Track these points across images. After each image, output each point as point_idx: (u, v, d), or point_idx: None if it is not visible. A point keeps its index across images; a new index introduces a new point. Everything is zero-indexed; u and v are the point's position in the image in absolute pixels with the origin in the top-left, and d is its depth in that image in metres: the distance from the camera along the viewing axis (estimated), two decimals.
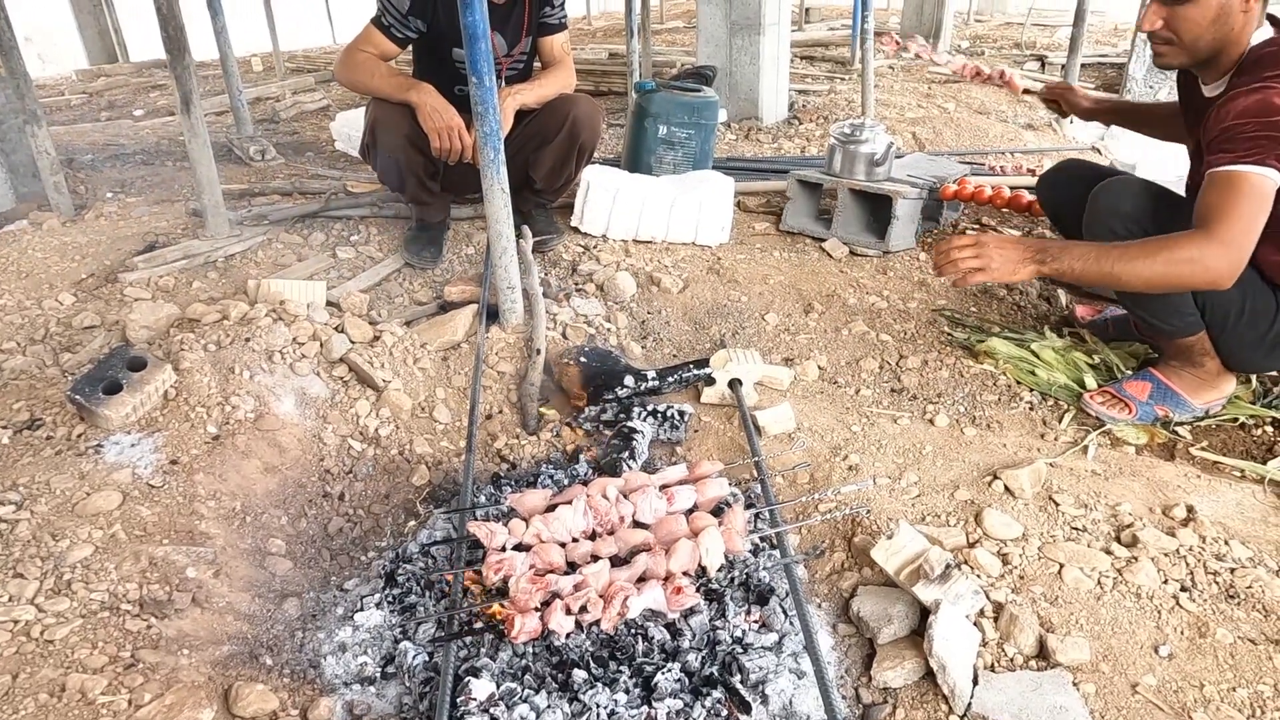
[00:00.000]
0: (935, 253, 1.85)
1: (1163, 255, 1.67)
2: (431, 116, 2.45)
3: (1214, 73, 1.82)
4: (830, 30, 8.03)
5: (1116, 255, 1.71)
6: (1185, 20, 1.73)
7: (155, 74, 6.99)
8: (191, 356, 1.91)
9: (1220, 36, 1.73)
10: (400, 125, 2.53)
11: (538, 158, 2.77)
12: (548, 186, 2.87)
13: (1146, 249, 1.70)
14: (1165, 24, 1.75)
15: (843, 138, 2.97)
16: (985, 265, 1.75)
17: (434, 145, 2.49)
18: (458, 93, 2.62)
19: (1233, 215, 1.64)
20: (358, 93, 2.64)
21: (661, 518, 1.63)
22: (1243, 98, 1.65)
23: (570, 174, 2.86)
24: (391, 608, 1.53)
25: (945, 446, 1.94)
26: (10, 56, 2.94)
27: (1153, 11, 1.76)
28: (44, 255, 2.75)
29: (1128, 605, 1.45)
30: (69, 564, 1.43)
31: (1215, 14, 1.70)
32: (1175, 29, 1.75)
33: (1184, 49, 1.78)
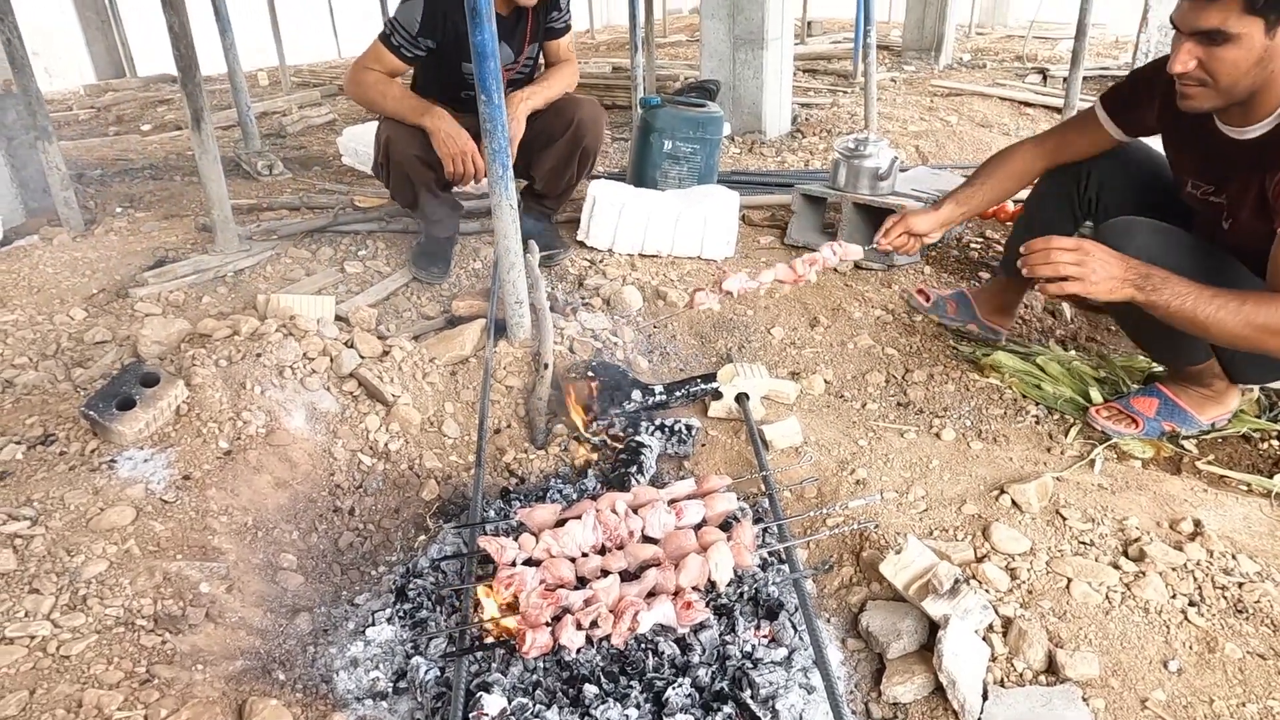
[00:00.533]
0: (1028, 249, 1.63)
1: (1262, 321, 1.53)
2: (446, 143, 2.48)
3: (1246, 116, 1.66)
4: (832, 44, 8.09)
5: (1216, 306, 1.54)
6: (1223, 62, 1.55)
7: (162, 89, 7.04)
8: (203, 372, 1.92)
9: (1260, 79, 1.57)
10: (412, 144, 2.56)
11: (539, 159, 2.81)
12: (548, 190, 2.90)
13: (1247, 311, 1.53)
14: (1200, 65, 1.57)
15: (847, 153, 3.00)
16: (1085, 276, 1.57)
17: (447, 170, 2.53)
18: (464, 97, 2.66)
19: None
20: (367, 110, 2.66)
21: (670, 532, 1.64)
22: None
23: (571, 178, 2.88)
24: (402, 623, 1.54)
25: (952, 460, 1.95)
26: (22, 73, 2.98)
27: (1185, 51, 1.57)
28: (55, 270, 2.77)
29: (1136, 620, 1.46)
30: (84, 579, 1.44)
31: (1259, 56, 1.53)
32: (1211, 71, 1.57)
33: (1219, 92, 1.60)
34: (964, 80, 6.28)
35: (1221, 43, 1.53)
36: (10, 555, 1.47)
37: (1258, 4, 1.49)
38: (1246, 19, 1.50)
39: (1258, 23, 1.51)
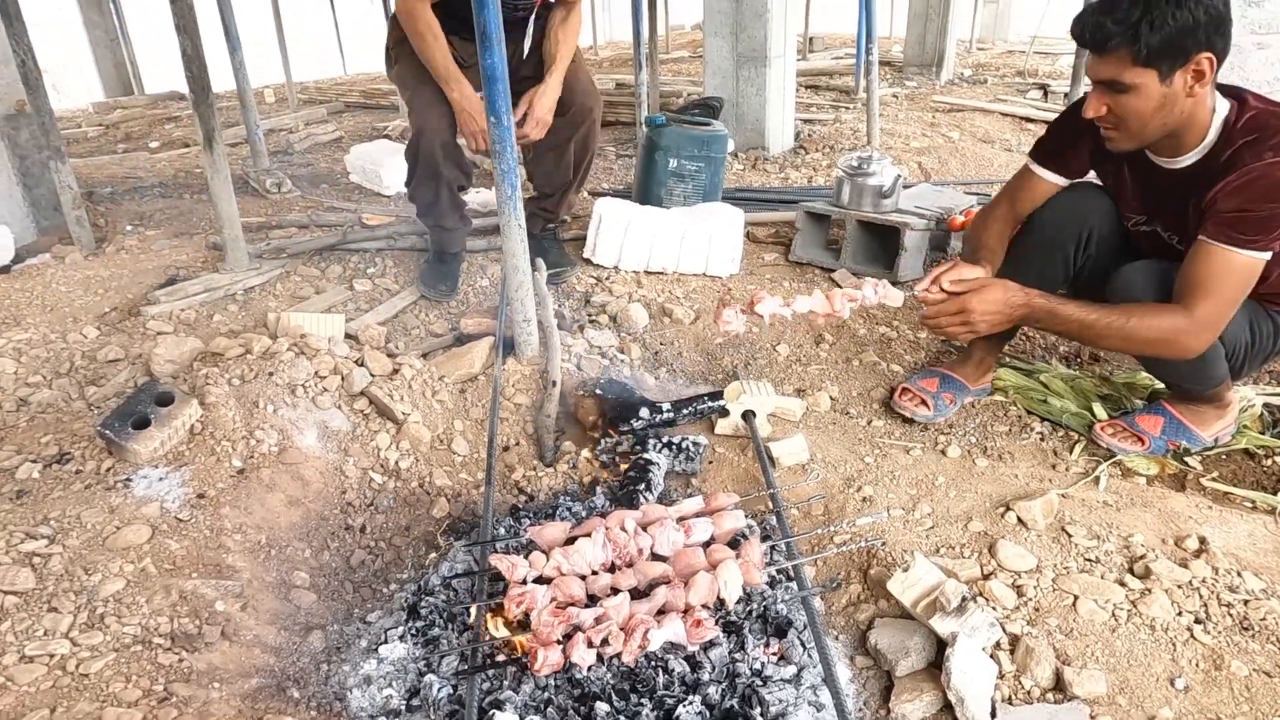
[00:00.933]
0: (922, 318, 1.88)
1: (1142, 335, 1.75)
2: (467, 122, 2.55)
3: (1176, 149, 1.78)
4: (834, 59, 8.14)
5: (1100, 329, 1.77)
6: (1127, 109, 1.68)
7: (170, 106, 7.11)
8: (217, 391, 1.95)
9: (1168, 123, 1.70)
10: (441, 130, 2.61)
11: (540, 158, 2.88)
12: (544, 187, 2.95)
13: (1129, 326, 1.74)
14: (1110, 111, 1.70)
15: (850, 170, 3.03)
16: (973, 326, 1.80)
17: (468, 145, 2.63)
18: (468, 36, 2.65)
19: (1224, 299, 1.71)
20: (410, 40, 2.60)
21: (679, 550, 1.65)
22: (1257, 179, 1.63)
23: (568, 181, 2.93)
24: (415, 640, 1.55)
25: (958, 477, 1.97)
26: (36, 95, 3.02)
27: (1095, 98, 1.71)
28: (67, 289, 2.80)
29: (1143, 637, 1.47)
30: (101, 598, 1.46)
31: (1159, 103, 1.65)
32: (1119, 116, 1.70)
33: (1130, 135, 1.74)
34: (965, 96, 6.32)
35: (1122, 92, 1.66)
36: (29, 574, 1.49)
37: (1142, 57, 1.60)
38: (1140, 70, 1.63)
39: (1151, 73, 1.63)
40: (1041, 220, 2.03)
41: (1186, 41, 1.58)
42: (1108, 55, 1.63)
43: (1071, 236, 1.99)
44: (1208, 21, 1.57)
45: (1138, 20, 1.57)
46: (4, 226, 3.12)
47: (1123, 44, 1.60)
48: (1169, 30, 1.57)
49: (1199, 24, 1.57)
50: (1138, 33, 1.58)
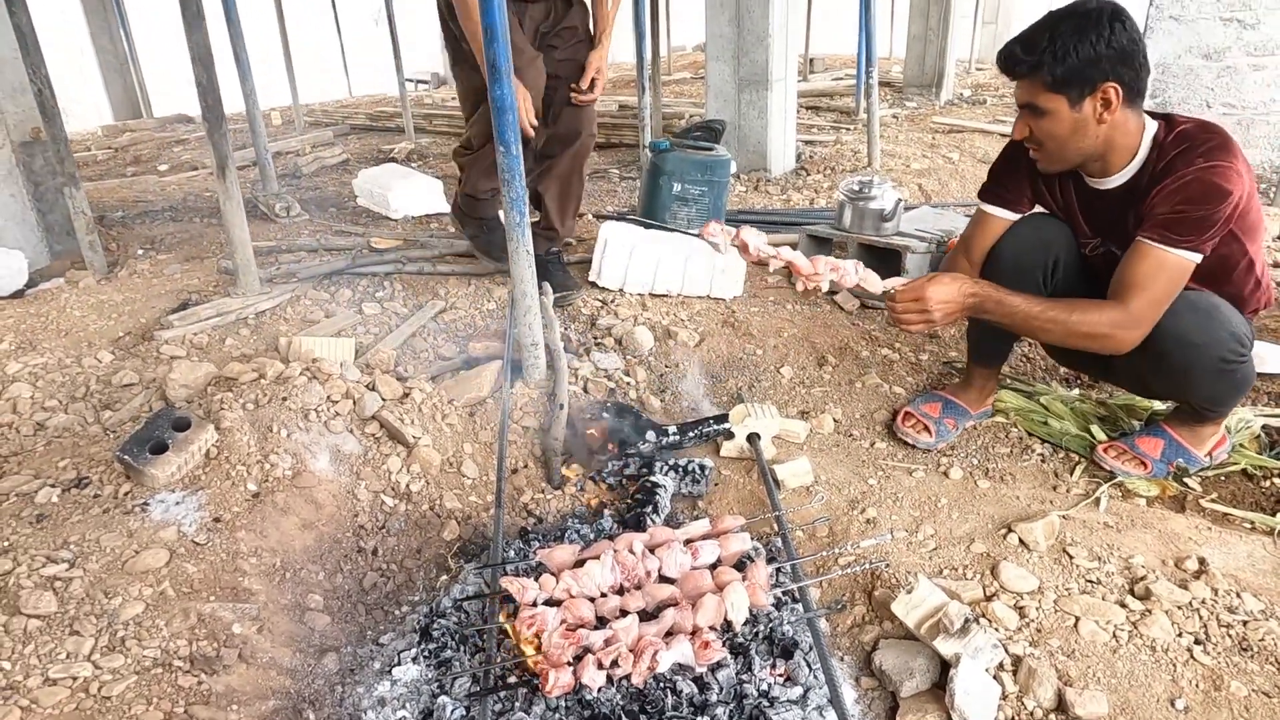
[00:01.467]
0: (889, 313, 1.94)
1: (1082, 330, 1.83)
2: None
3: (1105, 170, 1.89)
4: (835, 80, 8.23)
5: (1044, 321, 1.86)
6: (1044, 131, 1.82)
7: (178, 129, 7.20)
8: (232, 416, 1.99)
9: (1084, 146, 1.82)
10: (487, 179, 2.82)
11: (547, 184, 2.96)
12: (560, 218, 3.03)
13: (1070, 320, 1.83)
14: (1032, 132, 1.84)
15: (851, 194, 3.07)
16: (931, 319, 1.86)
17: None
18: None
19: (1156, 296, 1.80)
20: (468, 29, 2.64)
21: (686, 572, 1.68)
22: (1188, 183, 1.73)
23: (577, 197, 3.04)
24: (427, 662, 1.58)
25: (960, 499, 2.00)
26: (52, 123, 3.08)
27: (1020, 121, 1.86)
28: (81, 313, 2.85)
29: (1143, 658, 1.49)
30: (122, 621, 1.49)
31: (1070, 127, 1.78)
32: (1040, 138, 1.84)
33: (1051, 156, 1.87)
34: (965, 116, 6.40)
35: (1040, 115, 1.81)
36: (51, 598, 1.52)
37: (1049, 84, 1.75)
38: (1051, 96, 1.77)
39: (1061, 99, 1.76)
40: (1004, 250, 2.09)
41: (1090, 71, 1.72)
42: (1022, 81, 1.79)
43: (1039, 263, 2.05)
44: (1110, 55, 1.71)
45: (1043, 50, 1.72)
46: (18, 252, 3.17)
47: (1030, 71, 1.76)
48: (1071, 61, 1.71)
49: (1101, 56, 1.70)
50: (1042, 61, 1.73)
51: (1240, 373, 1.91)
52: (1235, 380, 1.92)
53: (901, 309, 1.89)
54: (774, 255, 1.92)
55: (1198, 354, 1.86)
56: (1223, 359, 1.86)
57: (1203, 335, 1.85)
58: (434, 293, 3.05)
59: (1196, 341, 1.85)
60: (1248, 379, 1.94)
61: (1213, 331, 1.85)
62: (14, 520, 1.78)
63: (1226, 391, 1.96)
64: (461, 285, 3.11)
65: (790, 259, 1.93)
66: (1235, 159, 1.74)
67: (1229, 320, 1.86)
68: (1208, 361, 1.87)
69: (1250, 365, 1.92)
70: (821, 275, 1.93)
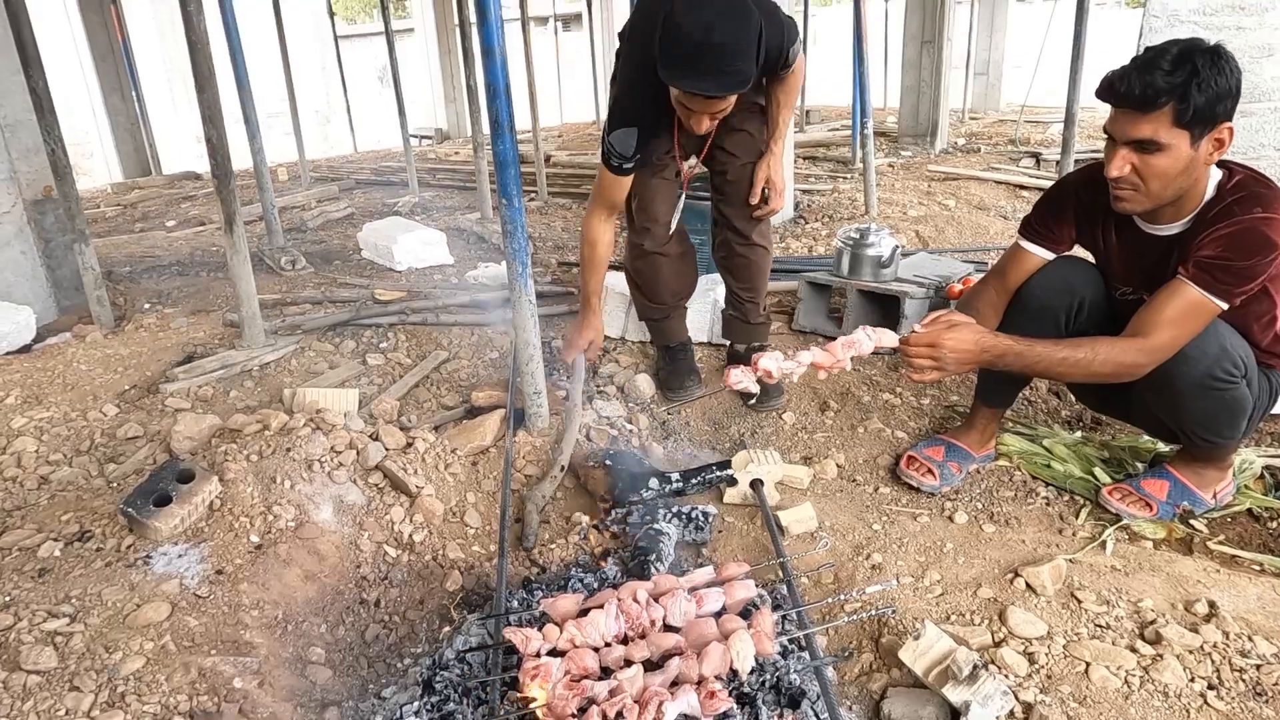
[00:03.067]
0: (905, 354, 1.86)
1: (1103, 371, 1.80)
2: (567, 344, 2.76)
3: (1175, 215, 1.84)
4: (831, 131, 8.39)
5: (1069, 365, 1.81)
6: (1155, 169, 1.71)
7: (186, 185, 7.33)
8: (235, 467, 1.99)
9: (1185, 186, 1.76)
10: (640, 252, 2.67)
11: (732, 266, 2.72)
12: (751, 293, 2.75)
13: (1095, 362, 1.79)
14: (1134, 170, 1.73)
15: (850, 242, 3.12)
16: (942, 367, 1.81)
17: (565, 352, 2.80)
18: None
19: (1181, 334, 1.78)
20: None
21: (691, 621, 1.67)
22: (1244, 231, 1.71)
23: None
24: (430, 715, 1.56)
25: (965, 544, 1.98)
26: (64, 181, 3.15)
27: (1121, 157, 1.73)
28: (88, 367, 2.87)
29: (1156, 704, 1.47)
30: (122, 676, 1.48)
31: (1185, 165, 1.70)
32: (1144, 176, 1.73)
33: (1149, 196, 1.77)
34: (960, 165, 6.49)
35: (1154, 151, 1.69)
36: (51, 653, 1.51)
37: (1185, 118, 1.64)
38: (1176, 131, 1.67)
39: (1185, 135, 1.67)
40: (1031, 290, 2.08)
41: (1220, 108, 1.65)
42: (1152, 113, 1.66)
43: (1063, 306, 2.04)
44: (1236, 90, 1.66)
45: (1186, 80, 1.61)
46: (26, 307, 3.21)
47: (1170, 101, 1.63)
48: (1211, 93, 1.62)
49: (1231, 92, 1.65)
50: (1187, 92, 1.62)
51: (1230, 395, 1.87)
52: (1224, 402, 1.88)
53: (915, 353, 1.82)
54: (796, 366, 1.96)
55: (1188, 368, 1.84)
56: (1211, 375, 1.83)
57: (1193, 348, 1.82)
58: (437, 343, 3.07)
59: (1188, 353, 1.82)
60: (1239, 405, 1.89)
61: (1204, 345, 1.82)
62: (16, 575, 1.77)
63: (1215, 414, 1.91)
64: (465, 335, 3.14)
65: (811, 361, 1.96)
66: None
67: (1224, 338, 1.84)
68: (1198, 376, 1.84)
69: (1243, 392, 1.88)
70: (843, 360, 1.96)
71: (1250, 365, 1.89)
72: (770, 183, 2.52)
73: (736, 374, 1.94)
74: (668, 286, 2.74)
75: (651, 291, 2.74)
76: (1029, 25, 13.06)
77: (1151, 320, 1.80)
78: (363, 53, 15.85)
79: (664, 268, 2.70)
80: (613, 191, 2.51)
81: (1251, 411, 1.96)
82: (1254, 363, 1.90)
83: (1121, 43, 6.38)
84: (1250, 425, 2.00)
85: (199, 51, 2.67)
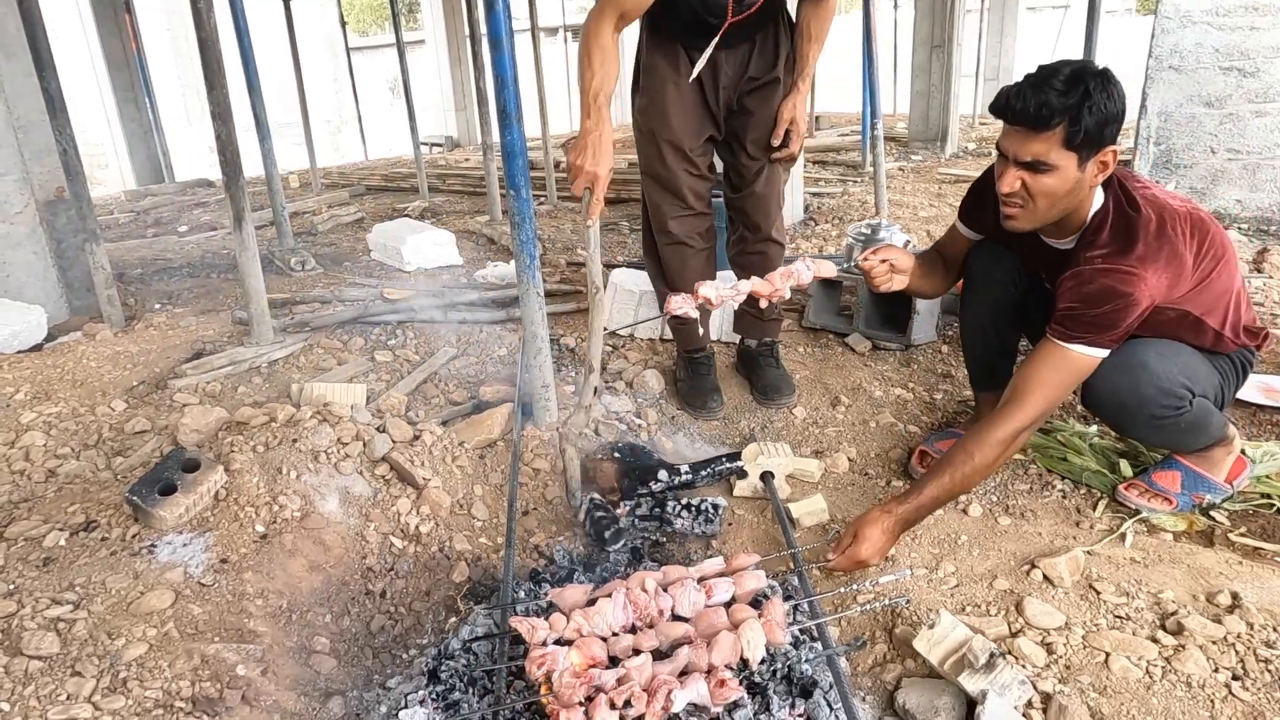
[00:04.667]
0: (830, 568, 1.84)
1: (992, 460, 1.78)
2: (576, 158, 2.01)
3: (1061, 232, 1.87)
4: (840, 136, 8.37)
5: (963, 483, 1.80)
6: (1043, 187, 1.72)
7: (198, 193, 7.37)
8: (241, 458, 1.98)
9: (1071, 205, 1.77)
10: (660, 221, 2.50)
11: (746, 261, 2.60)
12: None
13: (979, 463, 1.77)
14: (1024, 187, 1.74)
15: (861, 237, 3.09)
16: (867, 559, 1.78)
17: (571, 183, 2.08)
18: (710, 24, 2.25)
19: (1053, 391, 1.78)
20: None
21: (701, 610, 1.64)
22: (1085, 282, 1.73)
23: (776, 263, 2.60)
24: (435, 705, 1.53)
25: (980, 536, 1.95)
26: (75, 181, 3.16)
27: (1011, 175, 1.74)
28: (97, 364, 2.87)
29: (1180, 695, 1.43)
30: (124, 662, 1.46)
31: (1071, 187, 1.72)
32: (1032, 194, 1.74)
33: (1035, 214, 1.78)
34: (970, 168, 6.46)
35: (1044, 171, 1.70)
36: (54, 639, 1.49)
37: (1075, 141, 1.65)
38: (1065, 153, 1.68)
39: (1073, 157, 1.68)
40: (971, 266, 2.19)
41: (1108, 131, 1.66)
42: (1044, 133, 1.66)
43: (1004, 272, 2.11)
44: (1122, 115, 1.67)
45: (1079, 103, 1.61)
46: (38, 307, 3.22)
47: (1062, 123, 1.63)
48: (1101, 116, 1.63)
49: (1118, 116, 1.66)
50: (1079, 114, 1.62)
51: (1184, 420, 1.88)
52: (1181, 427, 1.89)
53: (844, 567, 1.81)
54: (733, 292, 1.97)
55: (1130, 415, 1.88)
56: (1154, 416, 1.85)
57: (1130, 397, 1.84)
58: (446, 340, 3.06)
59: (1125, 404, 1.85)
60: (1198, 420, 1.89)
61: (1140, 391, 1.83)
62: (20, 564, 1.76)
63: (1179, 437, 1.95)
64: (473, 332, 3.13)
65: (748, 289, 1.99)
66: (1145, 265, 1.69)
67: (1159, 376, 1.82)
68: (1142, 419, 1.88)
69: (1197, 410, 1.87)
70: (781, 289, 2.00)
71: (1197, 380, 1.87)
72: (794, 124, 2.42)
73: (676, 300, 1.94)
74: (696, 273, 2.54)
75: (676, 278, 2.56)
76: (1039, 32, 13.06)
77: (1025, 382, 1.79)
78: (374, 63, 15.99)
79: (690, 258, 2.55)
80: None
81: (1220, 405, 1.96)
82: (1203, 373, 1.89)
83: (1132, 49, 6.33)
84: (1224, 409, 1.99)
85: (209, 48, 2.68)
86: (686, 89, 2.36)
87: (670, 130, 2.38)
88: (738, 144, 2.49)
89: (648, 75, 2.39)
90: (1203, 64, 4.74)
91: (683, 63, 2.34)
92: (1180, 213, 1.77)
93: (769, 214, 2.57)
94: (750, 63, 2.35)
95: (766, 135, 2.45)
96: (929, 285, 2.23)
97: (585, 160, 1.99)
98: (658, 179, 2.46)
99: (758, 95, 2.41)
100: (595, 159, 1.99)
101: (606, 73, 2.02)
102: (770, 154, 2.48)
